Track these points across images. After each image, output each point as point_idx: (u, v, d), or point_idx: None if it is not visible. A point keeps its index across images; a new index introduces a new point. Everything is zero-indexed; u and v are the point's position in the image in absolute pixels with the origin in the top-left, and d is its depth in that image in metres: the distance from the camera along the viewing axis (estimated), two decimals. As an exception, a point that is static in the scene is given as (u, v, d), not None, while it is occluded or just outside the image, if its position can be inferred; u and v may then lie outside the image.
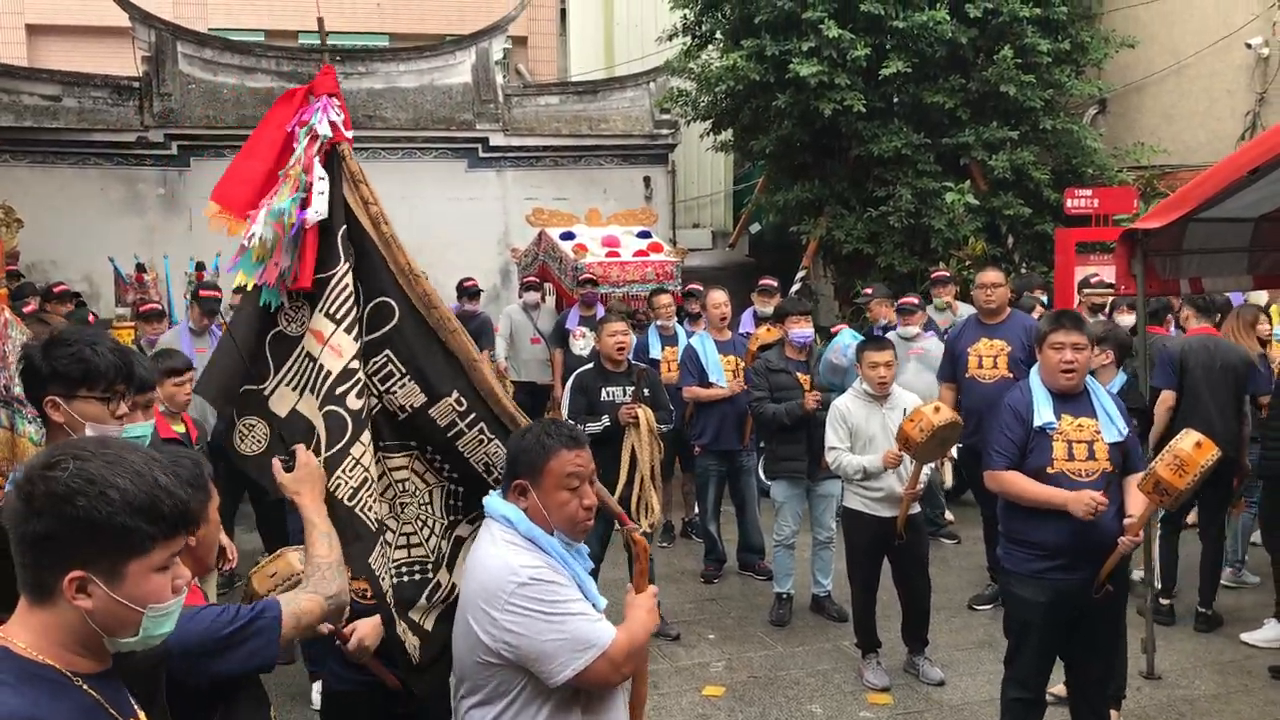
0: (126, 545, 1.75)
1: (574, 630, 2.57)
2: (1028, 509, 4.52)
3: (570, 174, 15.90)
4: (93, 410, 2.87)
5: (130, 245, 13.40)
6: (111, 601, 1.76)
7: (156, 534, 1.78)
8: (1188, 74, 12.66)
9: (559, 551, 2.73)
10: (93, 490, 1.73)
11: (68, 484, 1.73)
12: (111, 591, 1.75)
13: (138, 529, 1.75)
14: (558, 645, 2.55)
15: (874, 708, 5.71)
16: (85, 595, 1.75)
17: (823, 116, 11.39)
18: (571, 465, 2.73)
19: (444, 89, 15.61)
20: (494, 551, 2.67)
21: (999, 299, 7.09)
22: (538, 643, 2.56)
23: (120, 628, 1.80)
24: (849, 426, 6.06)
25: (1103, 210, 10.80)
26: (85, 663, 1.80)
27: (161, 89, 14.47)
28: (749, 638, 6.75)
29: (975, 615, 7.00)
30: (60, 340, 2.94)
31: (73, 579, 1.74)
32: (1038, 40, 11.52)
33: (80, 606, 1.75)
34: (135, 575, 1.78)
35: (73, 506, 1.71)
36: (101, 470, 1.75)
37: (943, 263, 11.43)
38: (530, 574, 2.60)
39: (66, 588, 1.74)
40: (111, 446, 1.83)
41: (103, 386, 2.87)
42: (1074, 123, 12.30)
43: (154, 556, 1.79)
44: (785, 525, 7.04)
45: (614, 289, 11.17)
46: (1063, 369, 4.52)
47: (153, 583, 1.80)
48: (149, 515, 1.76)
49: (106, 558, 1.75)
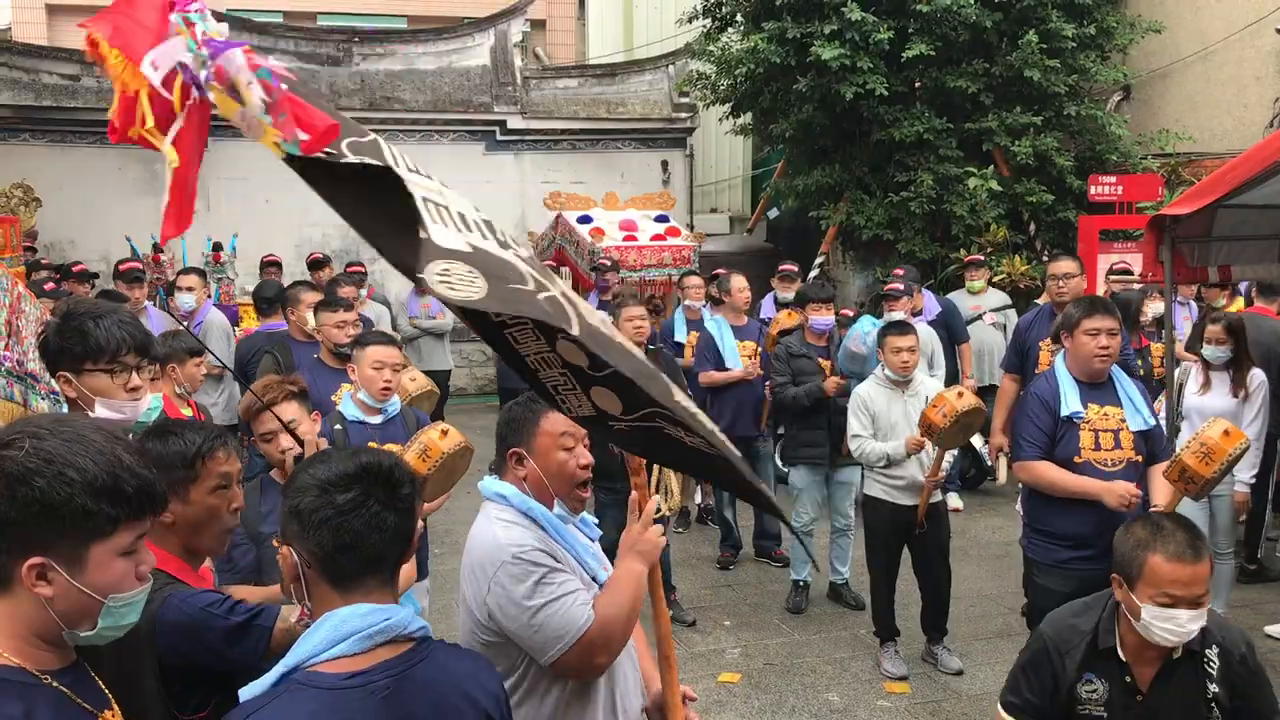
0: (88, 528, 1.66)
1: (544, 621, 2.53)
2: (1054, 498, 4.47)
3: (588, 157, 15.84)
4: (100, 383, 2.84)
5: (147, 225, 13.35)
6: (72, 589, 1.67)
7: (119, 516, 1.68)
8: (1214, 60, 12.49)
9: (553, 524, 2.70)
10: (50, 470, 1.63)
11: (23, 464, 1.63)
12: (73, 578, 1.66)
13: (99, 511, 1.66)
14: (531, 633, 2.54)
15: (892, 696, 5.66)
16: (45, 583, 1.65)
17: (844, 100, 11.29)
18: (564, 424, 2.70)
19: (462, 71, 15.55)
20: (485, 528, 2.70)
21: (1072, 289, 6.81)
22: (514, 627, 2.56)
23: (81, 618, 1.70)
24: (871, 414, 6.00)
25: (1127, 197, 10.69)
26: (49, 657, 1.70)
27: (180, 69, 14.45)
28: (765, 624, 6.70)
29: (994, 604, 6.94)
30: (68, 315, 2.92)
31: (32, 565, 1.64)
32: (1062, 25, 11.40)
33: (40, 594, 1.65)
34: (98, 560, 1.68)
35: (29, 487, 1.62)
36: (60, 449, 1.65)
37: (964, 249, 11.35)
38: (514, 552, 2.58)
39: (25, 574, 1.64)
40: (71, 425, 1.73)
41: (106, 359, 2.84)
42: (1098, 109, 12.17)
43: (117, 540, 1.70)
44: (804, 512, 6.98)
45: (631, 273, 11.11)
46: (1097, 355, 4.47)
47: (116, 569, 1.70)
48: (111, 496, 1.67)
49: (67, 542, 1.65)
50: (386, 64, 15.28)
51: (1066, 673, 3.05)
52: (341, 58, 15.15)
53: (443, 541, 7.51)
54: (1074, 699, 3.05)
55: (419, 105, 15.28)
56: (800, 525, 6.99)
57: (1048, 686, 3.07)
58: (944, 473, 5.77)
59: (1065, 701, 3.06)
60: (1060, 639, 3.09)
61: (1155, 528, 2.91)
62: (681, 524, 8.81)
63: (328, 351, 5.70)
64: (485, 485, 2.80)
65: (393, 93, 15.19)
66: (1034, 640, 3.19)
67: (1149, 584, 2.84)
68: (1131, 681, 3.01)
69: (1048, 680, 3.07)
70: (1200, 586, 2.83)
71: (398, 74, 15.29)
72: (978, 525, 8.73)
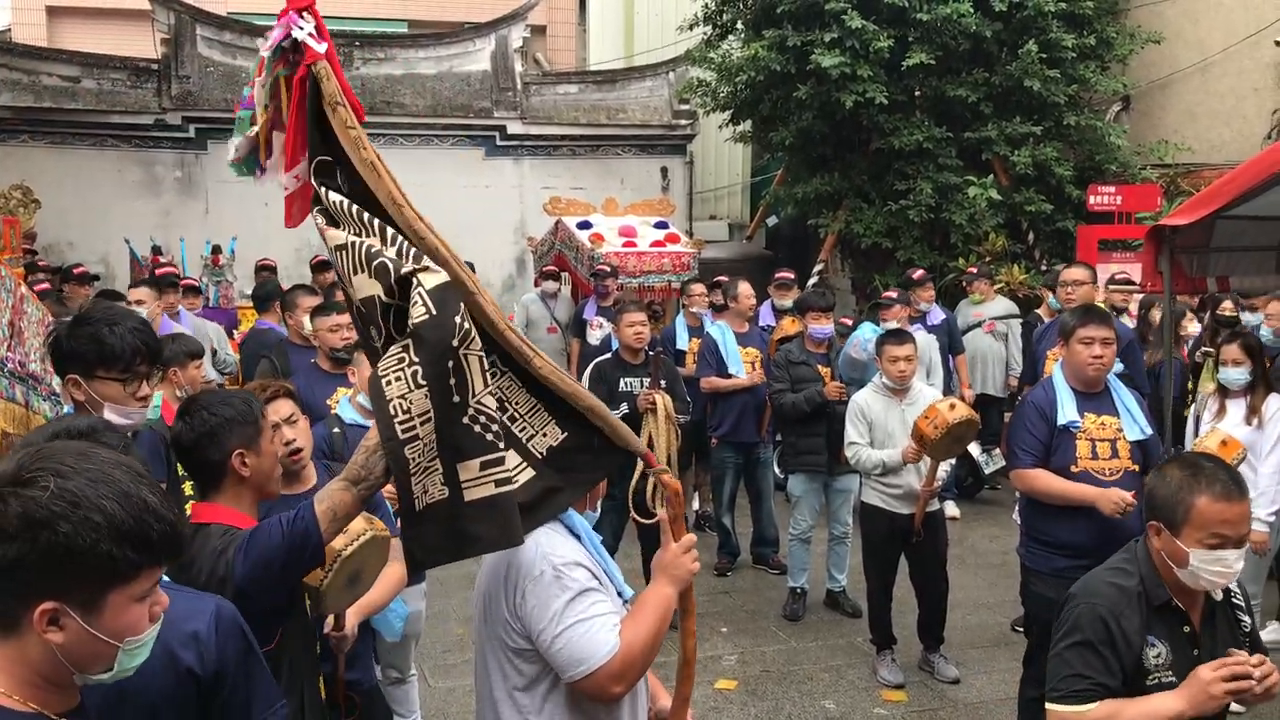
0: (109, 575, 1.58)
1: (568, 641, 2.43)
2: (1052, 507, 4.48)
3: (588, 163, 15.86)
4: (111, 391, 2.84)
5: (146, 228, 13.42)
6: (86, 635, 1.58)
7: (142, 562, 1.61)
8: (1213, 71, 12.52)
9: (590, 536, 2.63)
10: (76, 515, 1.54)
11: (49, 507, 1.53)
12: (87, 624, 1.57)
13: (124, 557, 1.57)
14: (555, 651, 2.45)
15: (888, 704, 5.66)
16: (57, 628, 1.56)
17: (844, 108, 11.30)
18: None
19: (462, 76, 15.57)
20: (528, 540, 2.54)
21: (1081, 297, 6.76)
22: (541, 639, 2.46)
23: (92, 662, 1.62)
24: (868, 421, 6.01)
25: (1126, 207, 10.72)
26: (56, 700, 1.62)
27: (180, 71, 14.46)
28: (762, 632, 6.70)
29: (991, 613, 6.94)
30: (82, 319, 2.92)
31: (44, 610, 1.54)
32: (1062, 35, 11.42)
33: (51, 641, 1.56)
34: (115, 606, 1.59)
35: (53, 533, 1.52)
36: (85, 490, 1.56)
37: (963, 259, 11.37)
38: (556, 563, 2.47)
39: (37, 620, 1.54)
40: (94, 461, 1.63)
41: (120, 367, 2.84)
42: (1097, 119, 12.19)
43: (137, 585, 1.62)
44: (802, 519, 6.98)
45: (630, 279, 11.12)
46: (1091, 363, 4.48)
47: (132, 614, 1.62)
48: (135, 542, 1.58)
49: (84, 588, 1.57)
50: (387, 68, 15.30)
51: (1131, 641, 2.77)
52: (342, 62, 15.11)
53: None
54: (1141, 670, 2.78)
55: (419, 110, 15.30)
56: (798, 532, 6.99)
57: (1113, 662, 2.76)
58: (939, 482, 5.77)
59: (1133, 673, 2.77)
60: (1114, 604, 2.80)
61: (1194, 469, 2.75)
62: (679, 531, 8.80)
63: (324, 356, 5.66)
64: None
65: (393, 97, 15.20)
66: (1080, 615, 2.83)
67: (1197, 526, 2.69)
68: (1190, 631, 2.82)
69: (1113, 655, 2.77)
70: (1245, 525, 2.72)
71: (398, 78, 15.30)
72: (975, 534, 8.73)
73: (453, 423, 2.23)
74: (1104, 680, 2.75)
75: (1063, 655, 2.83)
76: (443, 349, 2.15)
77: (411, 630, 4.58)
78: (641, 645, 2.48)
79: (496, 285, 15.25)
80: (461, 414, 2.23)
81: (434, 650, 6.09)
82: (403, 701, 4.66)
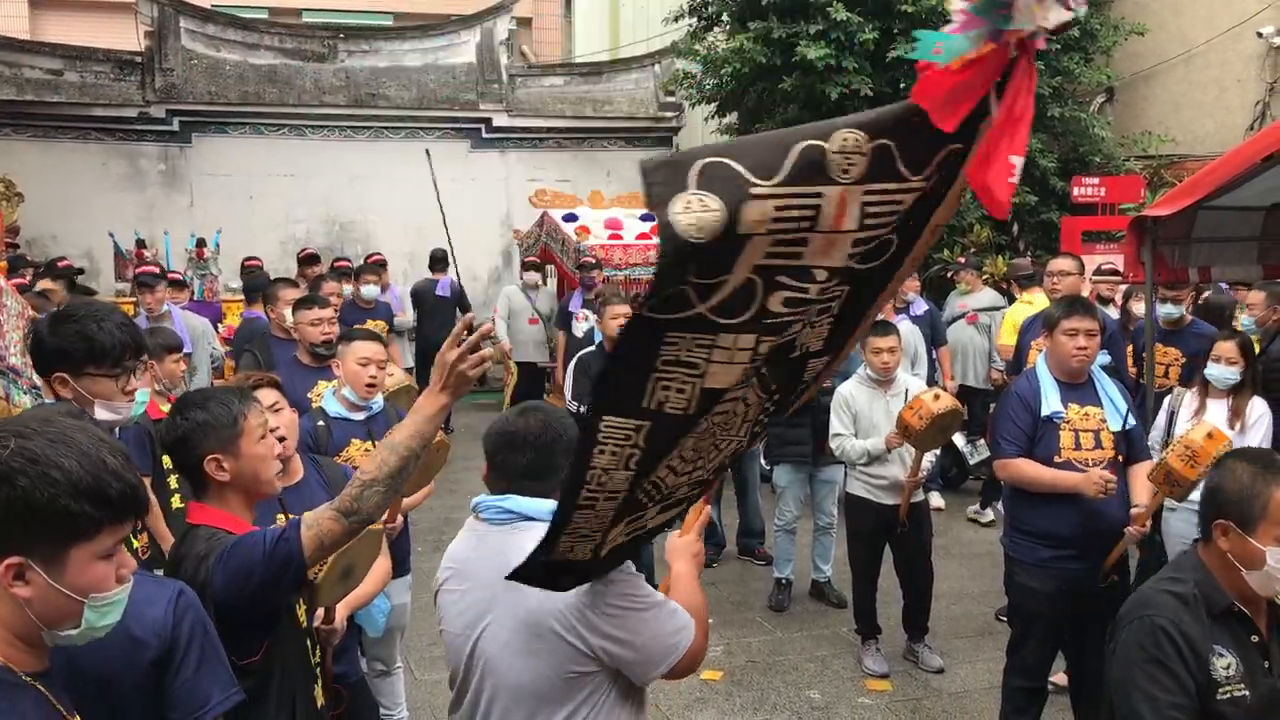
0: (69, 530, 1.65)
1: (669, 620, 2.42)
2: (1036, 497, 4.50)
3: (574, 156, 15.85)
4: (101, 387, 2.83)
5: (131, 221, 13.38)
6: (51, 590, 1.65)
7: (102, 519, 1.68)
8: (1197, 63, 12.57)
9: None
10: (34, 470, 1.61)
11: (7, 463, 1.61)
12: (51, 579, 1.65)
13: (82, 512, 1.64)
14: (657, 639, 2.41)
15: (873, 694, 5.68)
16: (23, 583, 1.63)
17: (829, 100, 11.30)
18: None
19: (448, 69, 15.53)
20: None
21: (1067, 288, 6.82)
22: (641, 640, 2.40)
23: (61, 619, 1.69)
24: (852, 412, 6.03)
25: (1109, 199, 10.76)
26: (26, 659, 1.69)
27: (164, 64, 14.39)
28: (748, 622, 6.72)
29: (976, 603, 6.97)
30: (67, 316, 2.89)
31: (9, 565, 1.62)
32: (1047, 27, 11.43)
33: (17, 595, 1.64)
34: (78, 562, 1.67)
35: (11, 487, 1.60)
36: (45, 449, 1.64)
37: (947, 250, 11.39)
38: (618, 570, 2.41)
39: (3, 574, 1.62)
40: (56, 424, 1.71)
41: (110, 363, 2.82)
42: (1081, 111, 12.23)
43: (99, 542, 1.69)
44: (787, 510, 7.00)
45: (616, 271, 11.12)
46: (1075, 355, 4.50)
47: (96, 571, 1.69)
48: (95, 499, 1.66)
49: (47, 543, 1.64)
50: (372, 61, 15.26)
51: (1198, 650, 2.52)
52: (326, 54, 15.12)
53: (425, 539, 7.50)
54: (1211, 682, 2.52)
55: (404, 102, 15.26)
56: (784, 522, 7.01)
57: (1186, 679, 2.50)
58: (924, 473, 5.79)
59: (1204, 688, 2.51)
60: (1173, 613, 2.55)
61: (1264, 464, 2.56)
62: (665, 522, 8.81)
63: (305, 350, 5.62)
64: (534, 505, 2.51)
65: (378, 89, 15.17)
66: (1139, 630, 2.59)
67: (1275, 522, 2.48)
68: (1260, 641, 2.59)
69: (1182, 669, 2.51)
70: None
71: (383, 71, 15.27)
72: (960, 524, 8.77)
73: (630, 502, 2.11)
74: (1184, 703, 2.48)
75: (1134, 682, 2.54)
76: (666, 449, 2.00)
77: (396, 623, 4.58)
78: (697, 605, 2.53)
79: (483, 277, 15.24)
80: (638, 488, 2.09)
81: (419, 643, 6.09)
82: (389, 694, 4.65)
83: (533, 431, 2.54)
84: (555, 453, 2.54)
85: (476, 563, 2.55)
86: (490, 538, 2.53)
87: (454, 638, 2.59)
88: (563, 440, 2.55)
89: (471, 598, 2.54)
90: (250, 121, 14.71)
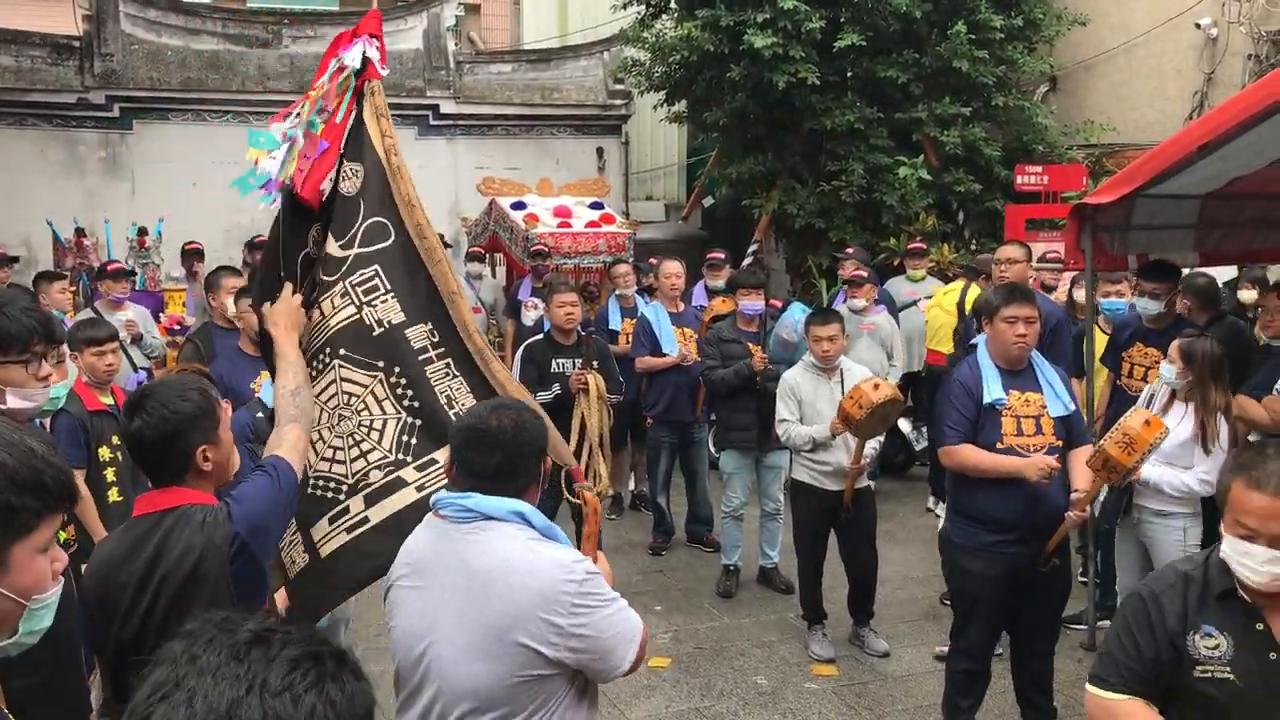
0: (10, 526, 1.53)
1: (619, 623, 2.44)
2: (978, 483, 4.54)
3: (522, 143, 15.74)
4: (12, 375, 2.77)
5: (70, 209, 13.09)
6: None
7: (42, 509, 1.57)
8: (1137, 53, 12.75)
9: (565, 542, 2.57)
10: None
11: None
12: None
13: (23, 506, 1.53)
14: (618, 637, 2.43)
15: (819, 679, 5.73)
16: None
17: (776, 89, 11.32)
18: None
19: (394, 55, 15.33)
20: (527, 551, 2.41)
21: (1014, 275, 6.83)
22: (605, 638, 2.41)
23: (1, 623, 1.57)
24: (798, 398, 6.06)
25: (1052, 187, 10.89)
26: None
27: (103, 49, 14.09)
28: (696, 609, 6.75)
29: (921, 587, 7.05)
30: None
31: None
32: (990, 16, 11.56)
33: None
34: (20, 560, 1.55)
35: None
36: None
37: (894, 238, 11.47)
38: (584, 569, 2.42)
39: None
40: None
41: (18, 349, 2.77)
42: (1025, 100, 12.36)
43: (38, 535, 1.58)
44: (734, 496, 7.03)
45: (566, 260, 11.08)
46: (1015, 342, 4.54)
47: (37, 567, 1.58)
48: (34, 490, 1.55)
49: None
50: (317, 47, 15.02)
51: (1166, 622, 2.55)
52: (270, 40, 14.89)
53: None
54: (1187, 657, 2.53)
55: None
56: (731, 509, 7.04)
57: (1146, 647, 2.54)
58: (867, 459, 5.84)
59: (1171, 662, 2.53)
60: (1157, 584, 2.63)
61: (1254, 453, 2.54)
62: (614, 510, 8.84)
63: (247, 339, 5.55)
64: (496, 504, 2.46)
65: (323, 76, 14.97)
66: (1127, 601, 2.70)
67: (1230, 511, 2.50)
68: (1264, 630, 2.51)
69: (1146, 638, 2.55)
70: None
71: (328, 57, 15.07)
72: (905, 510, 8.86)
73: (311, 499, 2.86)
74: (1133, 667, 2.55)
75: (1105, 647, 2.70)
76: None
77: (340, 614, 4.54)
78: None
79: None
80: (304, 488, 2.73)
81: (366, 634, 6.05)
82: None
83: (505, 431, 2.49)
84: (526, 454, 2.51)
85: (434, 562, 2.51)
86: (450, 536, 2.49)
87: (404, 635, 2.54)
88: (533, 441, 2.54)
89: (429, 596, 2.49)
90: (193, 108, 14.45)
